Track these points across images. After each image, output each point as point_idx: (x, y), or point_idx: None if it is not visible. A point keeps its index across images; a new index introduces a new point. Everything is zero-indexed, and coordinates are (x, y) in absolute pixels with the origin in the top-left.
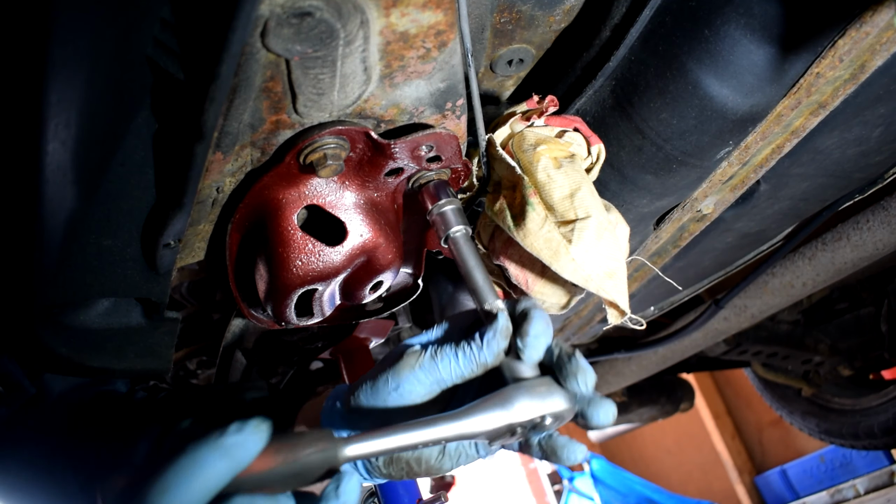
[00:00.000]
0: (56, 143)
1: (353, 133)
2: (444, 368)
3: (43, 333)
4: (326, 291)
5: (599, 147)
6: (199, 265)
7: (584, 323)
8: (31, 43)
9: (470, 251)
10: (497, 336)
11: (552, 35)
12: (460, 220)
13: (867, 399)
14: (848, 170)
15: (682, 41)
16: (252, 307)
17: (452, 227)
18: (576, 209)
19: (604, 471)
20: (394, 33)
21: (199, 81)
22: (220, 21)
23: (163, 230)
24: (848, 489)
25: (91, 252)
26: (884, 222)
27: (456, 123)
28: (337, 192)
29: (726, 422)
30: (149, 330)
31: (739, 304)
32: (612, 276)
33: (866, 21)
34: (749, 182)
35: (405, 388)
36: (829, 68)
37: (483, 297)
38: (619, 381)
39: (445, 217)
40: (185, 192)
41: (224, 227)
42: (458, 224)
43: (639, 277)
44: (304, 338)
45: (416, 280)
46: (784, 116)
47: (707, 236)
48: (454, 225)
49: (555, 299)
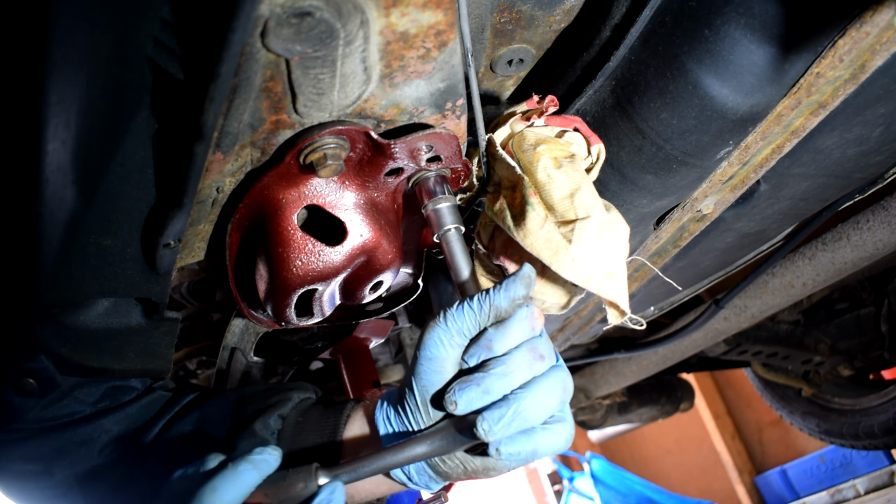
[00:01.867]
0: (56, 143)
1: (353, 133)
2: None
3: (43, 333)
4: (326, 291)
5: (599, 147)
6: (199, 265)
7: (584, 323)
8: (32, 43)
9: (460, 249)
10: (518, 279)
11: (552, 35)
12: (454, 217)
13: (867, 399)
14: (848, 170)
15: (682, 41)
16: (252, 307)
17: (445, 224)
18: (576, 209)
19: (604, 471)
20: (394, 33)
21: (199, 81)
22: (220, 21)
23: (163, 230)
24: (848, 489)
25: (91, 252)
26: (884, 222)
27: (456, 123)
28: (337, 192)
29: (726, 422)
30: (149, 330)
31: (739, 304)
32: (612, 276)
33: (866, 21)
34: (749, 182)
35: (432, 352)
36: (830, 68)
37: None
38: (619, 381)
39: (439, 214)
40: (185, 192)
41: (224, 227)
42: (451, 222)
43: (639, 277)
44: (304, 338)
45: (416, 280)
46: (784, 116)
47: (707, 236)
48: (447, 223)
49: (555, 299)
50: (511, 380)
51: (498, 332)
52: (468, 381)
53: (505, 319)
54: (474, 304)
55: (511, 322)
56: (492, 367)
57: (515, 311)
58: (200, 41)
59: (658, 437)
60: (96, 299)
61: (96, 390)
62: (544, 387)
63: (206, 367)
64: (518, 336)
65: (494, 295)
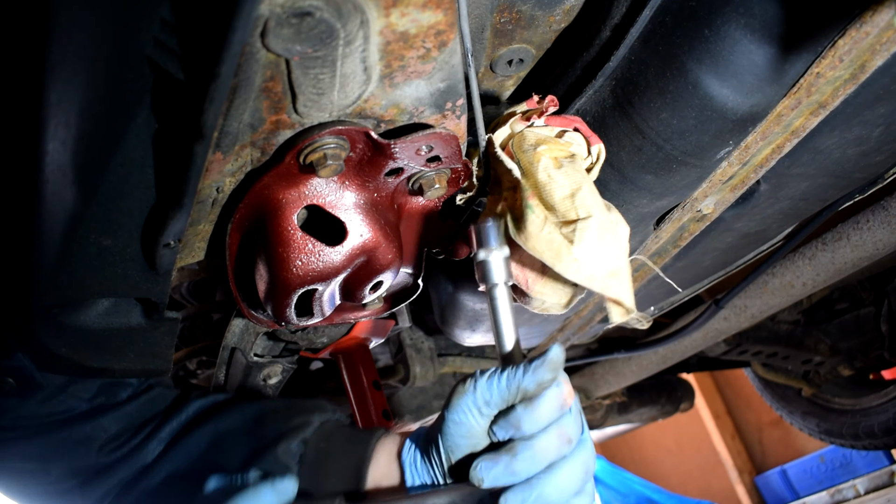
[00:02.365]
0: (56, 142)
1: (353, 133)
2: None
3: (43, 333)
4: (326, 291)
5: (599, 147)
6: (199, 265)
7: (584, 323)
8: (32, 43)
9: (506, 305)
10: (545, 364)
11: (552, 35)
12: (507, 271)
13: (867, 399)
14: (848, 170)
15: (682, 41)
16: (252, 307)
17: (499, 278)
18: (577, 209)
19: (604, 471)
20: (394, 33)
21: (199, 81)
22: (220, 21)
23: (163, 230)
24: (848, 489)
25: (91, 252)
26: (884, 222)
27: (456, 123)
28: (337, 192)
29: (726, 422)
30: (149, 330)
31: (739, 304)
32: (615, 275)
33: (866, 21)
34: (749, 182)
35: (460, 417)
36: (830, 68)
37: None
38: (619, 381)
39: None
40: (185, 192)
41: (224, 227)
42: (504, 275)
43: (639, 277)
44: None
45: (416, 280)
46: (784, 116)
47: (707, 236)
48: (501, 276)
49: (556, 299)
50: (537, 465)
51: (526, 411)
52: (495, 461)
53: (534, 398)
54: (503, 382)
55: (539, 402)
56: (519, 451)
57: (544, 392)
58: (200, 41)
59: (658, 437)
60: (96, 299)
61: (92, 385)
62: (567, 470)
63: (206, 367)
64: (546, 416)
65: (522, 377)
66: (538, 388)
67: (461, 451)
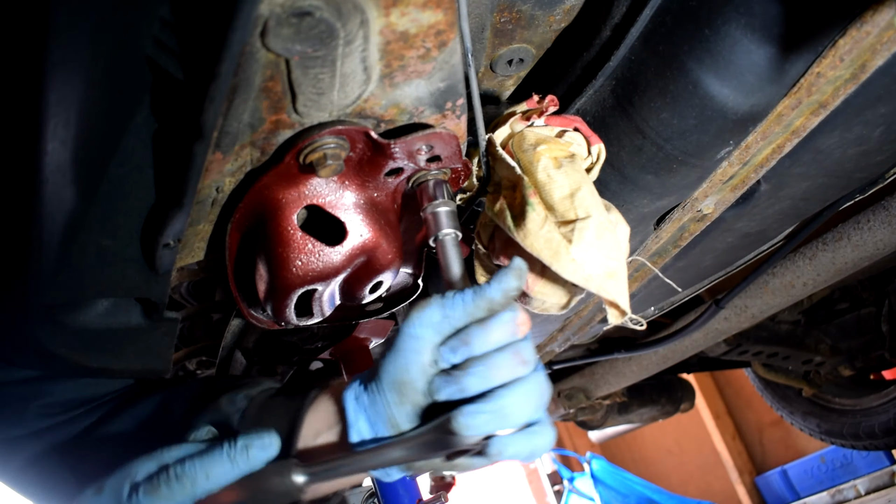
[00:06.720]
0: (56, 142)
1: (352, 133)
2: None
3: (42, 333)
4: (326, 291)
5: (599, 147)
6: (199, 265)
7: (584, 323)
8: (31, 42)
9: (455, 256)
10: (511, 271)
11: (552, 35)
12: (452, 223)
13: (868, 399)
14: (849, 169)
15: (682, 41)
16: (252, 307)
17: (443, 228)
18: (576, 209)
19: (604, 471)
20: (394, 33)
21: (199, 81)
22: (220, 21)
23: (162, 230)
24: (849, 489)
25: (90, 252)
26: (884, 222)
27: (456, 123)
28: (337, 192)
29: (727, 422)
30: (148, 330)
31: (740, 304)
32: (612, 276)
33: (867, 20)
34: (749, 182)
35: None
36: (830, 68)
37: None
38: (619, 381)
39: (438, 217)
40: (185, 192)
41: (224, 227)
42: (448, 227)
43: (639, 277)
44: (304, 338)
45: (416, 280)
46: (784, 116)
47: (707, 236)
48: (445, 227)
49: (555, 299)
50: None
51: (480, 328)
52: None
53: (487, 318)
54: (468, 295)
55: (493, 322)
56: (471, 367)
57: (498, 313)
58: (200, 41)
59: (658, 437)
60: (96, 299)
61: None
62: (525, 390)
63: (206, 367)
64: (500, 336)
65: (487, 287)
66: (505, 296)
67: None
